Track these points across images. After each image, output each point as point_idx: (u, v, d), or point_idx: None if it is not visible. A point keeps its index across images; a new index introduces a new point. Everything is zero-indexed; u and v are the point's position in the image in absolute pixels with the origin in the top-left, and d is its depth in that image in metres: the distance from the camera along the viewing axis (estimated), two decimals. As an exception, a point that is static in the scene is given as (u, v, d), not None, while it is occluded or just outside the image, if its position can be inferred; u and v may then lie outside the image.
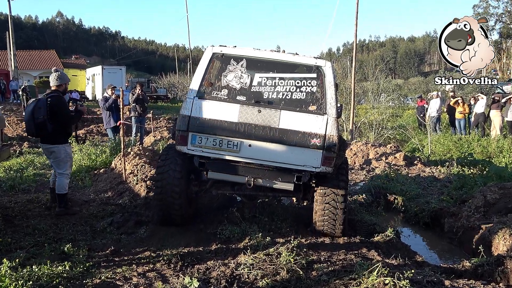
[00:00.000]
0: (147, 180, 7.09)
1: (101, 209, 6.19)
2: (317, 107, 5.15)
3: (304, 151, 5.08)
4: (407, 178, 9.15)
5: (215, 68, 5.38)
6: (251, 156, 5.15)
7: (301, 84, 5.23)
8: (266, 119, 5.11)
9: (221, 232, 5.18)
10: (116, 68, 38.19)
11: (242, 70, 5.29)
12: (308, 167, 5.12)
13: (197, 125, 5.14)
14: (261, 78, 5.26)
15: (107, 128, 11.33)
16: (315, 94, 5.21)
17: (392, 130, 17.89)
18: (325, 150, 5.06)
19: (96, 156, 9.29)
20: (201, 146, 5.18)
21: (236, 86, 5.25)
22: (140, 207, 6.34)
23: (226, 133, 5.12)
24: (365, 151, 12.90)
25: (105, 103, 10.95)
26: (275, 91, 5.23)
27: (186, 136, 5.17)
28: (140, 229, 5.39)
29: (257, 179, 5.31)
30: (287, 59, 5.32)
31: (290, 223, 5.90)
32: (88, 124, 19.50)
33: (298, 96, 5.21)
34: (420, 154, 13.49)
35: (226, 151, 5.16)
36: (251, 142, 5.12)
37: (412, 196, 7.97)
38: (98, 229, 5.37)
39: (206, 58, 5.32)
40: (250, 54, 5.34)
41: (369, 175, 9.81)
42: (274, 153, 5.12)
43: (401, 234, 6.13)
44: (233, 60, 5.30)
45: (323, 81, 5.19)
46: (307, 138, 5.06)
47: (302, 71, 5.28)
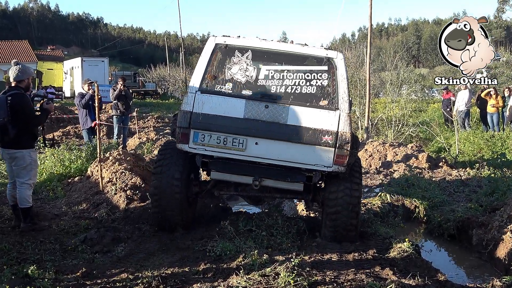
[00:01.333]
0: (127, 190, 7.06)
1: (74, 224, 6.16)
2: (329, 102, 5.40)
3: (315, 149, 5.33)
4: (430, 183, 9.10)
5: (218, 60, 5.57)
6: (258, 155, 5.40)
7: (311, 77, 5.47)
8: (274, 115, 5.35)
9: (211, 249, 5.15)
10: (97, 60, 38.38)
11: (247, 62, 5.52)
12: (319, 166, 5.37)
13: (200, 122, 5.36)
14: (268, 71, 5.50)
15: (83, 130, 11.30)
16: (326, 88, 5.44)
17: (414, 127, 17.81)
18: (338, 148, 5.30)
19: (70, 162, 9.27)
20: (204, 144, 5.41)
21: (241, 80, 5.49)
22: (118, 221, 6.32)
23: (231, 130, 5.35)
24: (382, 152, 12.84)
25: (81, 100, 10.92)
26: (283, 85, 5.46)
27: (187, 134, 5.39)
28: (117, 247, 5.36)
29: (264, 180, 5.54)
30: (296, 51, 5.55)
31: (292, 238, 5.86)
32: (65, 124, 19.54)
33: (308, 90, 5.45)
34: (446, 155, 13.41)
35: (231, 150, 5.39)
36: (257, 139, 5.36)
37: (436, 203, 7.92)
38: (69, 247, 5.34)
39: (209, 49, 5.53)
40: (256, 45, 5.58)
41: (387, 180, 9.74)
42: (282, 151, 5.36)
43: (421, 249, 6.05)
44: (237, 51, 5.52)
45: (335, 74, 5.43)
46: (318, 135, 5.31)
47: (312, 63, 5.51)
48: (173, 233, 5.85)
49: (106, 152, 9.17)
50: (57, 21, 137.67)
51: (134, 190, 7.14)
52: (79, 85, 33.18)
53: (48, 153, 9.95)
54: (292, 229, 6.04)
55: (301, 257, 4.91)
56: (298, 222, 6.29)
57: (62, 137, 16.75)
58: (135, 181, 7.40)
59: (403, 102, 19.77)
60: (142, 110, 27.10)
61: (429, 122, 18.47)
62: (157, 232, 6.03)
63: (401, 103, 19.65)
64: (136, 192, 7.10)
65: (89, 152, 9.66)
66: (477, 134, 14.77)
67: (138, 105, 30.48)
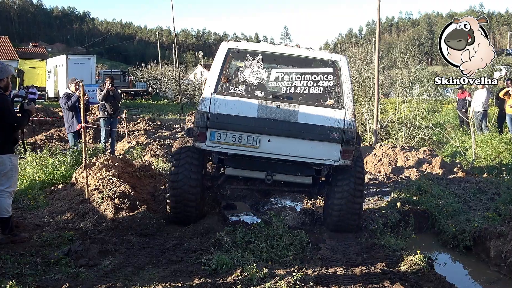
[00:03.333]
0: (115, 198, 7.06)
1: (57, 235, 6.14)
2: (335, 101, 6.38)
3: (323, 145, 6.33)
4: (444, 190, 9.11)
5: (231, 64, 6.55)
6: (271, 151, 6.36)
7: (317, 78, 6.44)
8: (285, 114, 6.30)
9: (206, 263, 5.16)
10: (84, 58, 38.37)
11: (258, 65, 6.47)
12: (327, 160, 6.40)
13: (216, 121, 6.29)
14: (278, 73, 6.50)
15: (68, 134, 11.29)
16: (332, 88, 6.42)
17: (426, 130, 17.83)
18: (344, 143, 6.31)
19: (53, 168, 9.26)
20: (220, 142, 6.36)
21: (253, 82, 6.46)
22: (105, 232, 6.31)
23: (245, 128, 6.28)
24: (392, 157, 12.86)
25: (67, 102, 10.92)
26: (292, 86, 6.46)
27: (205, 133, 6.33)
28: (104, 260, 5.35)
29: (277, 174, 6.57)
30: (303, 54, 6.55)
31: (294, 250, 5.88)
32: (48, 127, 19.53)
33: (315, 90, 6.43)
34: (462, 160, 13.42)
35: (246, 147, 6.34)
36: (270, 137, 6.32)
37: (450, 212, 7.92)
38: (51, 260, 5.31)
39: (222, 54, 6.46)
40: (265, 49, 6.57)
41: (397, 187, 9.74)
42: (293, 147, 6.33)
43: (434, 262, 6.05)
44: (248, 55, 6.47)
45: (339, 75, 6.40)
46: (326, 132, 6.28)
47: (318, 65, 6.48)
48: (169, 242, 6.12)
49: (92, 157, 9.17)
50: (40, 16, 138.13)
51: (122, 198, 7.13)
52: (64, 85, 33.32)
53: (30, 159, 9.94)
54: (294, 240, 6.06)
55: (304, 271, 4.93)
56: (301, 233, 6.31)
57: (44, 141, 16.73)
58: (124, 188, 7.39)
59: (414, 102, 19.81)
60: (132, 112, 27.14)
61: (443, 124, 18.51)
62: (147, 244, 6.04)
63: (413, 103, 19.70)
64: (124, 200, 7.10)
65: (74, 157, 9.65)
66: (495, 137, 14.75)
67: (128, 106, 30.58)
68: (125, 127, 16.77)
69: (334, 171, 6.79)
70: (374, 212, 7.99)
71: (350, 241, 6.71)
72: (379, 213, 7.91)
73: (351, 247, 6.43)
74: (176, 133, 20.08)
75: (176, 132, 20.54)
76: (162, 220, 6.86)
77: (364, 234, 6.98)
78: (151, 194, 8.46)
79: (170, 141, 15.57)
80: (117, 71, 48.47)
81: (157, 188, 8.86)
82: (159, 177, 9.64)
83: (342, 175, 6.72)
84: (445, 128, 17.27)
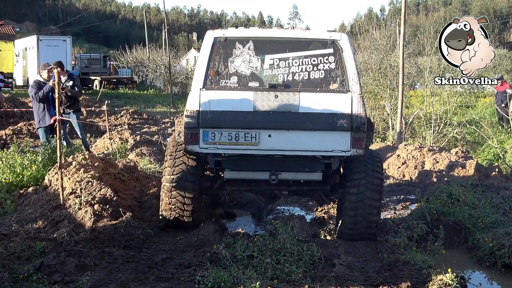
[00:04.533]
0: (94, 204, 7.08)
1: (27, 246, 6.16)
2: (339, 85, 6.56)
3: (330, 135, 6.50)
4: (479, 199, 9.08)
5: (219, 55, 6.67)
6: (272, 148, 6.55)
7: (317, 61, 6.57)
8: (285, 104, 6.47)
9: (202, 280, 5.17)
10: (58, 39, 38.45)
11: (250, 53, 6.62)
12: (336, 151, 6.55)
13: (209, 120, 6.48)
14: (272, 59, 6.61)
15: (39, 128, 11.29)
16: (335, 70, 6.59)
17: (459, 128, 17.81)
18: (354, 130, 6.47)
19: (22, 169, 9.28)
20: (215, 142, 6.54)
21: (246, 72, 6.62)
22: (83, 243, 6.32)
23: (242, 124, 6.45)
24: (419, 159, 12.86)
25: (38, 92, 10.92)
26: (290, 72, 6.60)
27: (197, 134, 6.50)
28: (82, 276, 5.35)
29: (282, 173, 6.71)
30: (298, 36, 6.77)
31: (304, 266, 5.87)
32: (16, 120, 19.58)
33: (316, 75, 6.57)
34: (501, 163, 13.41)
35: (244, 145, 6.51)
36: (270, 131, 6.49)
37: (487, 225, 7.89)
38: (20, 276, 5.33)
39: (208, 45, 6.65)
40: (256, 35, 6.83)
41: (424, 194, 9.73)
42: (297, 141, 6.51)
43: (468, 282, 6.05)
44: (238, 43, 6.64)
45: (341, 55, 6.56)
46: (332, 120, 6.45)
47: (317, 47, 6.63)
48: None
49: (68, 156, 9.17)
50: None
51: (103, 204, 7.15)
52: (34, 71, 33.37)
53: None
54: (304, 255, 6.05)
55: (315, 291, 4.92)
56: (312, 246, 6.31)
57: (12, 136, 16.77)
58: (105, 193, 7.41)
59: (445, 95, 19.75)
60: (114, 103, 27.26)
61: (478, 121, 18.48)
62: (132, 257, 6.06)
63: (443, 96, 19.64)
64: (105, 207, 7.12)
65: (47, 156, 9.67)
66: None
67: (109, 97, 30.64)
68: (106, 121, 16.79)
69: (346, 167, 7.05)
70: (398, 223, 7.98)
71: (369, 257, 6.71)
72: (403, 224, 7.88)
73: (370, 264, 6.43)
74: (166, 128, 20.14)
75: (166, 127, 20.59)
76: (149, 230, 6.89)
77: (385, 248, 6.96)
78: (137, 200, 8.49)
79: (159, 137, 15.60)
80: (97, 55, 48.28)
81: (143, 192, 8.88)
82: (146, 179, 9.66)
83: (357, 176, 6.87)
84: (481, 125, 17.23)
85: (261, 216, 9.43)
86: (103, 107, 16.17)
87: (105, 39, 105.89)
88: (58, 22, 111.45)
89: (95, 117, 21.98)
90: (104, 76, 41.60)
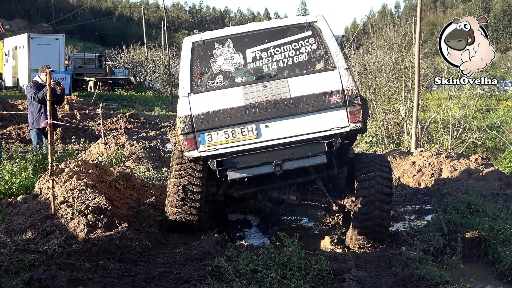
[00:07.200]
0: (88, 213, 7.07)
1: (16, 259, 6.16)
2: (324, 63, 7.06)
3: (326, 114, 6.93)
4: (501, 209, 9.06)
5: (200, 58, 7.14)
6: (272, 137, 6.94)
7: (298, 45, 7.12)
8: (275, 92, 6.93)
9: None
10: (50, 38, 38.62)
11: (230, 50, 7.12)
12: (336, 129, 6.94)
13: (202, 122, 6.91)
14: (254, 52, 7.12)
15: (31, 130, 11.34)
16: (317, 51, 7.10)
17: (479, 133, 17.78)
18: (348, 105, 6.91)
19: (11, 176, 9.30)
20: (213, 144, 6.94)
21: (230, 69, 7.10)
22: (76, 255, 6.30)
23: (236, 120, 6.89)
24: (436, 166, 12.85)
25: (37, 92, 11.00)
26: (274, 61, 7.12)
27: (193, 138, 6.91)
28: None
29: (285, 163, 7.00)
30: (275, 25, 7.27)
31: (313, 281, 5.85)
32: (5, 124, 19.63)
33: (300, 58, 7.10)
34: (524, 171, 13.37)
35: (243, 140, 6.93)
36: (266, 122, 6.92)
37: (508, 237, 7.86)
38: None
39: (187, 51, 7.12)
40: (233, 32, 7.26)
41: (441, 204, 9.72)
42: (295, 126, 6.92)
43: (488, 299, 6.05)
44: (216, 43, 7.16)
45: (321, 35, 7.09)
46: (325, 99, 6.91)
47: (295, 32, 7.16)
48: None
49: (60, 162, 9.17)
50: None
51: (97, 214, 7.15)
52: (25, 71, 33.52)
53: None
54: (312, 270, 6.02)
55: (324, 308, 4.91)
56: (320, 260, 6.28)
57: (0, 141, 16.81)
58: (99, 201, 7.41)
59: (464, 98, 19.75)
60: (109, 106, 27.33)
61: (499, 125, 18.44)
62: (128, 271, 6.05)
63: (462, 99, 19.64)
64: (100, 217, 7.11)
65: (38, 162, 9.69)
66: None
67: (105, 99, 30.75)
68: (101, 125, 16.83)
69: (354, 169, 7.56)
70: (413, 236, 7.97)
71: (381, 272, 6.68)
72: (418, 236, 7.88)
73: (383, 279, 6.41)
74: (165, 133, 20.14)
75: (165, 132, 20.60)
76: (146, 242, 6.88)
77: (399, 262, 6.93)
78: (133, 209, 8.47)
79: (157, 143, 15.61)
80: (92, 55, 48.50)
81: (140, 201, 8.87)
82: (143, 187, 9.67)
83: (367, 179, 7.26)
84: (503, 130, 17.20)
85: (266, 227, 9.41)
86: (98, 110, 16.22)
87: (101, 37, 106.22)
88: (50, 19, 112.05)
89: (90, 120, 22.03)
90: (99, 77, 41.74)
